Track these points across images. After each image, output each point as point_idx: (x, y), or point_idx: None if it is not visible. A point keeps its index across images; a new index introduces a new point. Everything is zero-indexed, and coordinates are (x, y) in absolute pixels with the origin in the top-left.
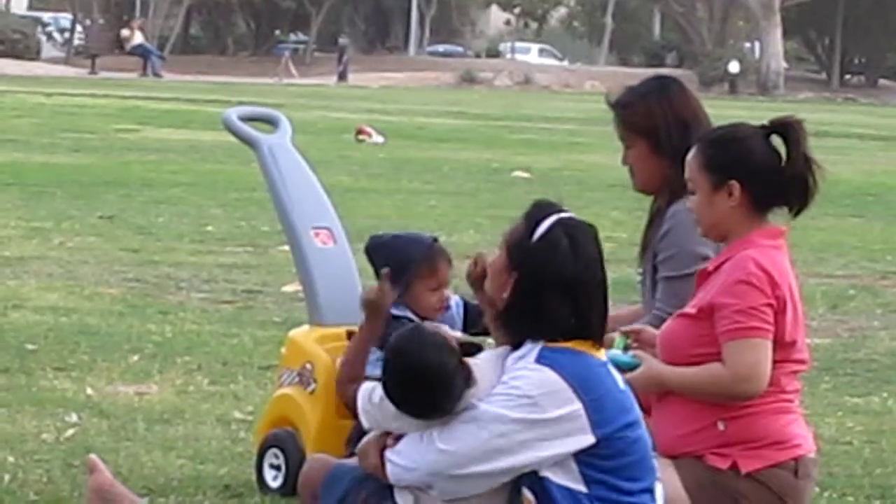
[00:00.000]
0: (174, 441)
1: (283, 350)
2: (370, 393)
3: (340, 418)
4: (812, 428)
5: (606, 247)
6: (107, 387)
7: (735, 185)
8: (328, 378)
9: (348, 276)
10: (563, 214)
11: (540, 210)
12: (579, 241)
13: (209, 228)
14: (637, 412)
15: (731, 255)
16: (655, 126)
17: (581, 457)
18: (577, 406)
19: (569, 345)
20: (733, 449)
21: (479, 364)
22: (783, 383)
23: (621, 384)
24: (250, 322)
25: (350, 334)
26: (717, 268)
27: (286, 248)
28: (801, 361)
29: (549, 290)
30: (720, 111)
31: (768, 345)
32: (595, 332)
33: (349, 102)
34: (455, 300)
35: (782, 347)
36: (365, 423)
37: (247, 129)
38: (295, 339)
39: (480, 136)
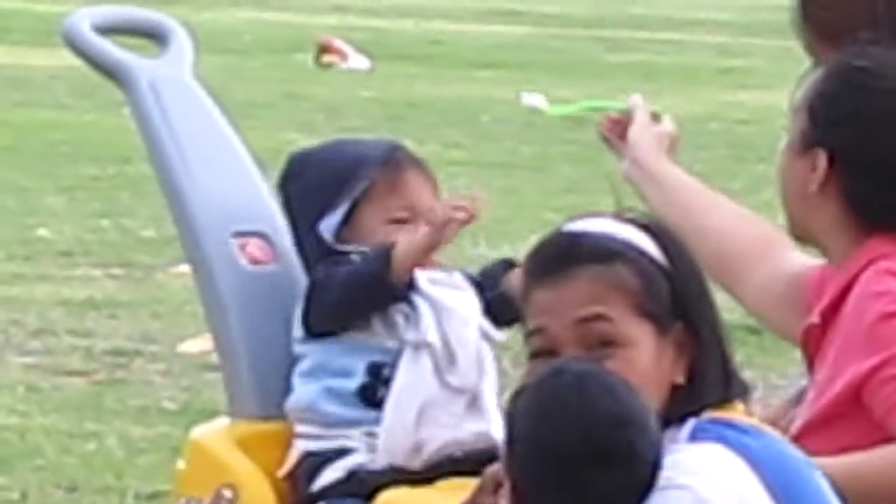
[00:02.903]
0: None
1: (179, 464)
2: None
3: None
4: None
5: None
6: None
7: (821, 157)
8: None
9: None
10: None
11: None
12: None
13: (41, 233)
14: None
15: (844, 284)
16: (874, 19)
17: None
18: None
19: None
20: None
21: None
22: None
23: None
24: (119, 410)
25: None
26: (828, 315)
27: (185, 269)
28: None
29: (707, 308)
30: None
31: None
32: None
33: None
34: (456, 274)
35: None
36: None
37: (111, 48)
38: (202, 443)
39: (554, 56)
